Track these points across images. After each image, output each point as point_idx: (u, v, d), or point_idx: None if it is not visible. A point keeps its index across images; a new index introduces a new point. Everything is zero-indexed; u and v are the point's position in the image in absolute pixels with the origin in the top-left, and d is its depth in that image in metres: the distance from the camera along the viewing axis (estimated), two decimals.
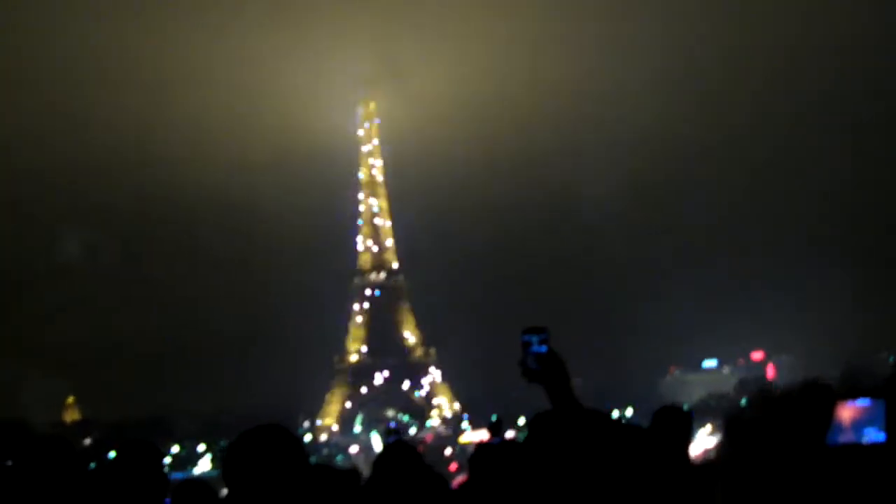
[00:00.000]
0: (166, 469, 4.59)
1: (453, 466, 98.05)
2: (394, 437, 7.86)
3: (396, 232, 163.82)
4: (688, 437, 5.00)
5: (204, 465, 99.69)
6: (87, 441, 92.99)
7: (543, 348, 3.48)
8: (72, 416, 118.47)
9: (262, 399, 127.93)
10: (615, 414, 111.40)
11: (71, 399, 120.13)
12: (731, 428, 6.86)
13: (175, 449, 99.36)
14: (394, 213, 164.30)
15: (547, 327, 3.54)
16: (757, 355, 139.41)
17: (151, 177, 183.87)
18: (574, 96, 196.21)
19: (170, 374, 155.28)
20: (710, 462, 6.81)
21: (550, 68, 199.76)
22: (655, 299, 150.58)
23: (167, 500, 4.82)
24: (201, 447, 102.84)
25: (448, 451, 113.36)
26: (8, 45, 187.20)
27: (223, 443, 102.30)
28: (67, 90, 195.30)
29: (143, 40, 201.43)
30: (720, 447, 6.76)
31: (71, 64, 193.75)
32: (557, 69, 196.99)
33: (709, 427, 68.97)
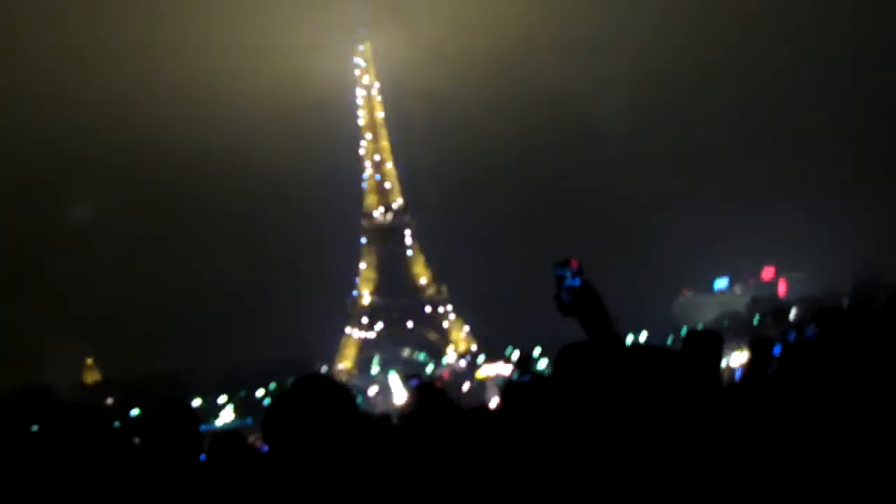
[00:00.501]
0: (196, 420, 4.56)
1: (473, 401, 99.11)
2: (416, 381, 7.81)
3: (400, 172, 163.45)
4: (719, 361, 4.97)
5: (226, 417, 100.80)
6: (109, 401, 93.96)
7: (577, 281, 3.41)
8: (92, 376, 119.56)
9: (278, 348, 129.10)
10: (629, 338, 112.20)
11: (90, 360, 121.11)
12: (756, 348, 6.85)
13: (196, 402, 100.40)
14: (396, 154, 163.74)
15: (578, 259, 3.47)
16: (768, 273, 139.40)
17: (152, 138, 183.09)
18: (577, 30, 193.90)
19: (185, 329, 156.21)
20: (738, 383, 6.81)
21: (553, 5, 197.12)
22: (664, 222, 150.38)
23: (202, 455, 4.82)
24: (222, 399, 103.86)
25: (466, 387, 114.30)
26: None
27: (243, 393, 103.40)
28: (66, 59, 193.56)
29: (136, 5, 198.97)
30: (749, 367, 6.76)
31: (69, 33, 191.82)
32: (560, 7, 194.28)
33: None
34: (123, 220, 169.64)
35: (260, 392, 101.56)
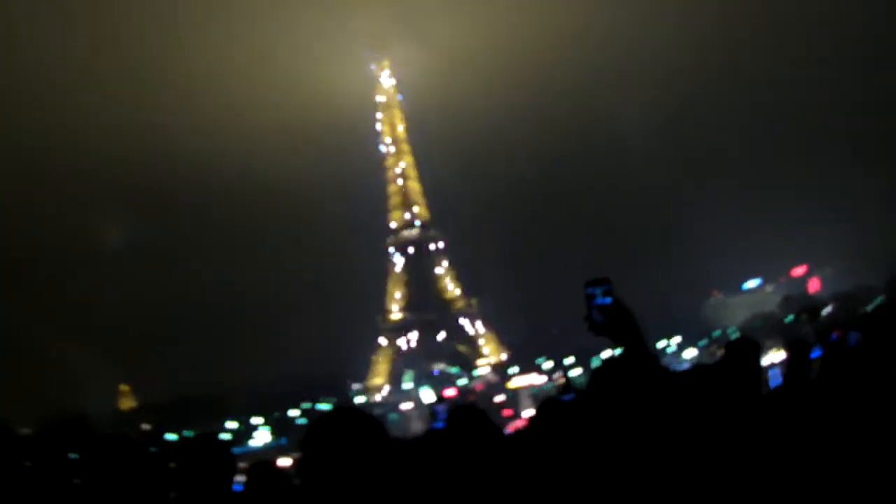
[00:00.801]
0: (231, 452, 4.57)
1: (507, 412, 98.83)
2: (441, 408, 7.66)
3: (424, 186, 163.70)
4: (758, 371, 4.90)
5: (262, 438, 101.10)
6: (146, 426, 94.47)
7: (608, 300, 3.37)
8: (127, 403, 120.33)
9: (309, 366, 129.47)
10: (662, 343, 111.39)
11: (125, 387, 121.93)
12: (794, 351, 6.72)
13: (232, 424, 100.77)
14: (420, 168, 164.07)
15: (609, 278, 3.42)
16: (798, 271, 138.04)
17: (180, 159, 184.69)
18: (593, 41, 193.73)
19: (218, 350, 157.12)
20: (778, 390, 6.68)
21: (568, 13, 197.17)
22: (692, 224, 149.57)
23: (236, 486, 4.80)
24: (257, 420, 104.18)
25: (499, 398, 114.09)
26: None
27: (277, 414, 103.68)
28: (85, 73, 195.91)
29: (155, 22, 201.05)
30: (788, 371, 6.63)
31: (89, 46, 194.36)
32: (575, 15, 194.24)
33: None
34: (154, 241, 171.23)
35: (294, 412, 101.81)
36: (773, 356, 44.02)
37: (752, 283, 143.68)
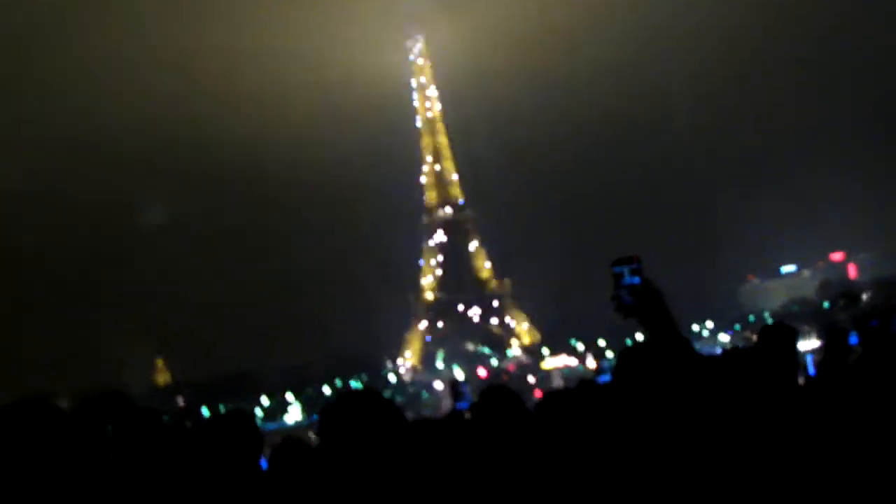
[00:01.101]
0: (259, 426, 4.59)
1: (538, 393, 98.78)
2: (465, 386, 7.60)
3: (459, 166, 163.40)
4: (795, 357, 4.80)
5: (294, 415, 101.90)
6: (181, 401, 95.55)
7: (636, 279, 3.24)
8: (163, 377, 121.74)
9: (343, 346, 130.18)
10: (696, 328, 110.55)
11: (161, 361, 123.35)
12: (831, 339, 6.60)
13: (265, 401, 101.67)
14: (454, 148, 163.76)
15: (638, 256, 3.29)
16: (836, 256, 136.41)
17: (215, 140, 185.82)
18: (632, 17, 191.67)
19: (252, 328, 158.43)
20: (815, 378, 6.57)
21: None
22: (728, 209, 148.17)
23: (262, 461, 4.82)
24: (290, 397, 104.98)
25: (532, 379, 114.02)
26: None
27: (310, 391, 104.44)
28: (137, 64, 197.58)
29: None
30: (824, 359, 6.53)
31: (146, 38, 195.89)
32: None
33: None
34: (191, 221, 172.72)
35: (327, 390, 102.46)
36: (810, 342, 43.54)
37: (789, 268, 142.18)
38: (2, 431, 2.89)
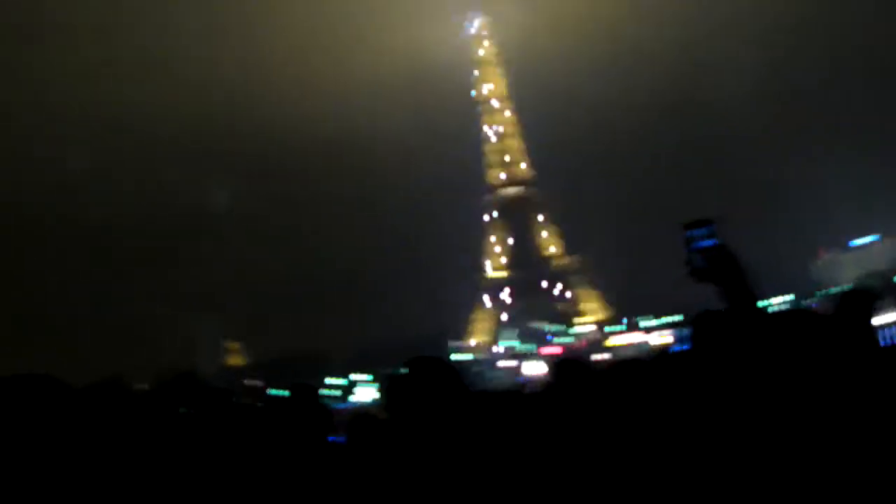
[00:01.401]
0: (327, 404, 4.62)
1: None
2: (519, 360, 7.53)
3: (524, 143, 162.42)
4: (870, 320, 4.66)
5: (364, 394, 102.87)
6: (254, 382, 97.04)
7: (711, 242, 3.09)
8: (235, 359, 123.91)
9: (411, 324, 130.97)
10: (766, 303, 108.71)
11: (233, 344, 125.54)
12: None
13: (335, 381, 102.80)
14: (519, 125, 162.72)
15: (712, 218, 3.15)
16: None
17: (274, 123, 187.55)
18: None
19: (323, 310, 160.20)
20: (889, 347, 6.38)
21: None
22: (800, 181, 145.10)
23: (331, 437, 4.87)
24: (359, 377, 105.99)
25: (600, 356, 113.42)
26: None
27: (378, 371, 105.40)
28: (193, 46, 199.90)
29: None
30: None
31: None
32: None
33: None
34: (255, 205, 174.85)
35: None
36: (887, 316, 42.43)
37: (862, 241, 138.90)
38: (79, 412, 2.94)
